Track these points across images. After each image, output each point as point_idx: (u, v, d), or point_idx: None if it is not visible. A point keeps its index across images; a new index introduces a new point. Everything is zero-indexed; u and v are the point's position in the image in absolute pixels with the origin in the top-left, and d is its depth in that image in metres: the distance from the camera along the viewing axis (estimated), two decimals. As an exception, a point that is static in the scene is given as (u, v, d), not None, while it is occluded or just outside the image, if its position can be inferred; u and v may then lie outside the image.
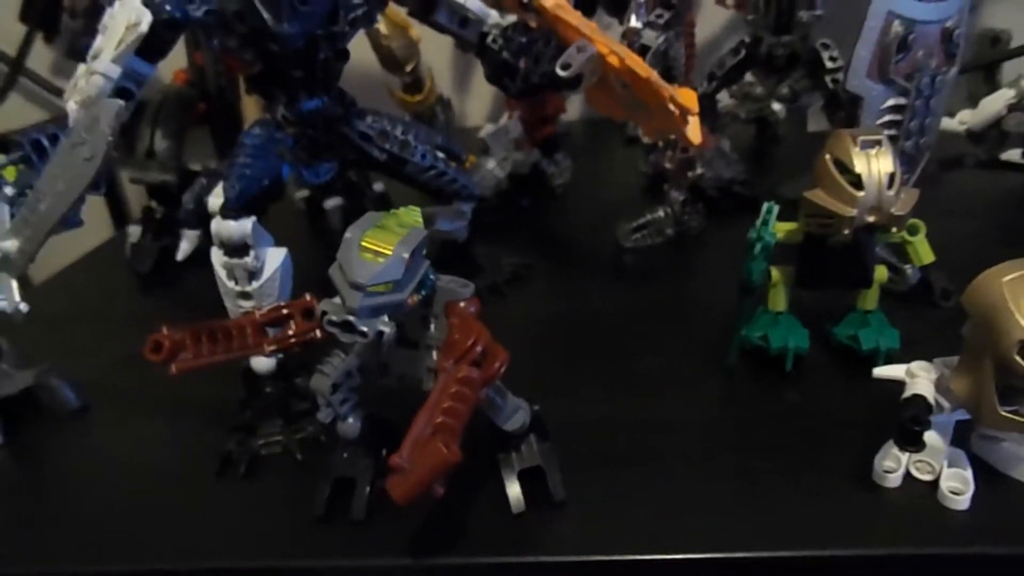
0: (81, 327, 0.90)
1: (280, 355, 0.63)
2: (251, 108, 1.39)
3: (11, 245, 0.51)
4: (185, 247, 0.99)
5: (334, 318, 0.45)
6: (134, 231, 1.03)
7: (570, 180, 1.13)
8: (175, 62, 1.12)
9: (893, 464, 0.52)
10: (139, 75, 0.55)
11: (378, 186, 1.09)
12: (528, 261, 0.89)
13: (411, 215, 0.49)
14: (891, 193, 0.55)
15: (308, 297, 0.55)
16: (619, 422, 0.63)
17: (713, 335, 0.73)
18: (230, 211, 0.56)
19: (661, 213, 0.92)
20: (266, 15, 0.56)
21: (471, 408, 0.44)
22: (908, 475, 0.53)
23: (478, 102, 1.51)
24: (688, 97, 0.63)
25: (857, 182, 0.56)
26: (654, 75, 0.63)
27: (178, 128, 1.03)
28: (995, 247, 0.59)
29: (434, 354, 0.52)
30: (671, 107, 0.65)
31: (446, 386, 0.43)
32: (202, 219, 0.60)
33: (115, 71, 0.53)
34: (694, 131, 0.66)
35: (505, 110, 1.24)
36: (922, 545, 0.49)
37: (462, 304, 0.50)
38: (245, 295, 0.60)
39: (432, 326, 0.52)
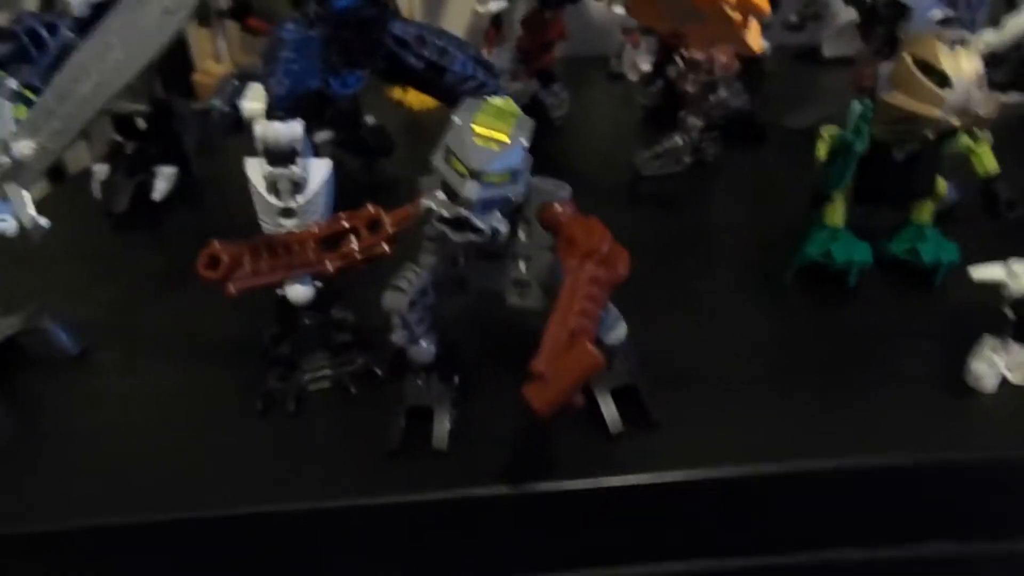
0: (61, 271, 0.80)
1: (319, 283, 0.57)
2: (202, 43, 1.28)
3: (24, 147, 0.43)
4: (161, 186, 0.91)
5: (445, 213, 0.40)
6: (100, 169, 0.93)
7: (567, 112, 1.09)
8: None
9: (986, 367, 0.52)
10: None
11: (370, 118, 1.02)
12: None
13: (506, 102, 0.44)
14: (980, 94, 0.54)
15: (372, 208, 0.49)
16: (681, 344, 0.60)
17: (755, 256, 0.71)
18: (279, 111, 0.50)
19: (679, 140, 0.89)
20: None
21: (600, 311, 0.40)
22: (1004, 381, 0.52)
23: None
24: (759, -2, 0.59)
25: (944, 81, 0.54)
26: (719, -25, 0.60)
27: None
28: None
29: (522, 264, 0.48)
30: (731, 12, 0.61)
31: (576, 287, 0.39)
32: (237, 125, 0.53)
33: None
34: (755, 37, 0.63)
35: (483, 45, 1.18)
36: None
37: (563, 205, 0.45)
38: (287, 212, 0.53)
39: (522, 233, 0.47)
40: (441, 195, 0.41)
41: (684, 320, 0.63)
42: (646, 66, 1.19)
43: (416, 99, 1.18)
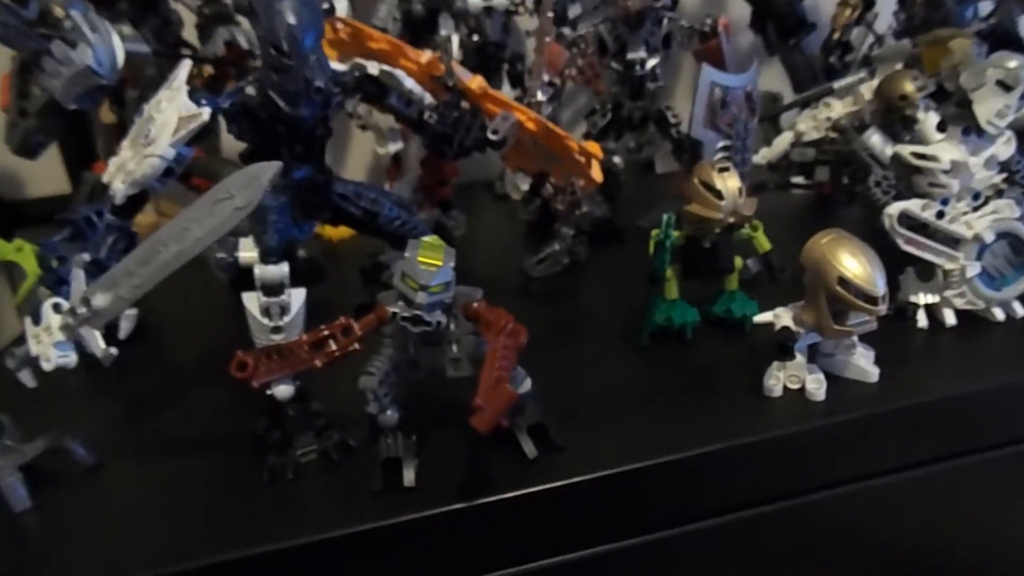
0: (41, 406, 0.93)
1: (298, 381, 0.75)
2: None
3: (102, 299, 0.60)
4: (126, 326, 1.07)
5: (406, 315, 0.61)
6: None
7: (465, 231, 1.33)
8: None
9: (774, 381, 0.76)
10: (184, 158, 0.68)
11: (302, 252, 1.22)
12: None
13: (435, 239, 0.66)
14: (742, 200, 0.81)
15: (343, 319, 0.70)
16: (572, 389, 0.81)
17: (621, 325, 0.95)
18: (271, 258, 0.70)
19: (557, 246, 1.13)
20: (281, 103, 0.72)
21: (513, 365, 0.61)
22: (785, 387, 0.77)
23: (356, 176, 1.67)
24: (593, 147, 0.86)
25: (719, 195, 0.81)
26: (565, 133, 0.86)
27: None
28: (794, 241, 0.85)
29: (454, 346, 0.69)
30: (578, 156, 0.87)
31: (495, 350, 0.61)
32: (236, 269, 0.72)
33: (171, 153, 0.66)
34: (596, 171, 0.89)
35: (386, 180, 1.42)
36: (800, 423, 0.73)
37: (477, 303, 0.67)
38: (277, 329, 0.72)
39: (452, 324, 0.69)
40: (402, 303, 0.62)
41: (573, 373, 0.85)
42: (525, 186, 1.46)
43: (333, 232, 1.39)
